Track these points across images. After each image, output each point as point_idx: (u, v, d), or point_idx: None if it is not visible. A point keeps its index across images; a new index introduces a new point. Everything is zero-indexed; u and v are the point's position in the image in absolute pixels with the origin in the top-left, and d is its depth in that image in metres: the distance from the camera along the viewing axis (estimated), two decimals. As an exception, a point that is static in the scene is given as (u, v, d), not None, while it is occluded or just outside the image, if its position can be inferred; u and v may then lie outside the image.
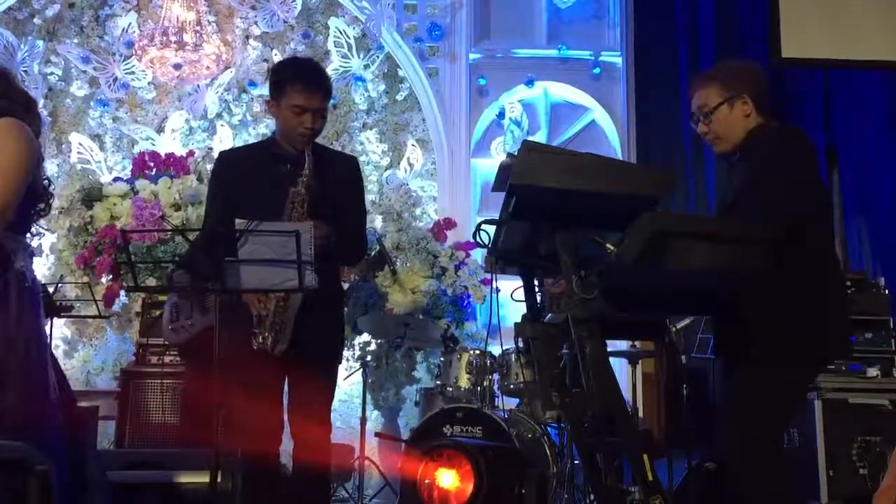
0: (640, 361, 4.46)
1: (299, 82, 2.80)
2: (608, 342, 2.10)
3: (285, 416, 2.90)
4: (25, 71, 5.82)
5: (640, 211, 1.92)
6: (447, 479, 3.49)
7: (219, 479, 2.43)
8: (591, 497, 3.61)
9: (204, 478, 2.46)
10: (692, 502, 3.11)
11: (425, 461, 3.51)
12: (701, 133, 2.56)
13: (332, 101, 5.86)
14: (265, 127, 5.91)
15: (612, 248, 1.94)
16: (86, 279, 4.78)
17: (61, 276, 4.83)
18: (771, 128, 2.49)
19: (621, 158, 5.68)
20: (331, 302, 2.89)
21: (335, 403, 5.33)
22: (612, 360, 2.16)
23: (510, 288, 2.46)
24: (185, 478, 2.64)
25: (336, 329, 2.98)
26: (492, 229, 2.19)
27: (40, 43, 5.88)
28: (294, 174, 2.80)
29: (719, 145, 2.54)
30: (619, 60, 6.14)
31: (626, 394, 4.31)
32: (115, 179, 5.27)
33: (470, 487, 3.42)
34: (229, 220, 2.47)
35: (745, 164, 2.46)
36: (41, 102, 5.58)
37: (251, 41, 5.99)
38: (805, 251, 2.27)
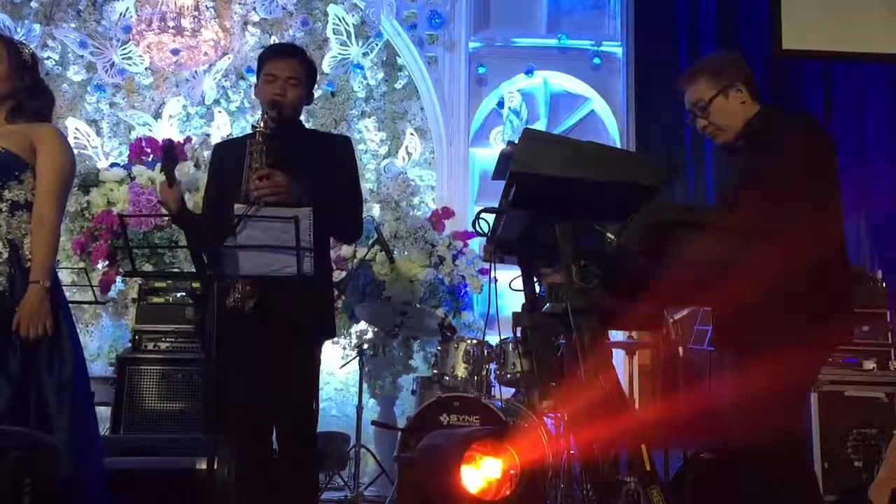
0: (637, 352, 4.47)
1: (271, 54, 2.97)
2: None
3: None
4: (22, 55, 5.77)
5: (640, 200, 1.92)
6: (489, 467, 3.45)
7: (215, 466, 2.42)
8: (588, 487, 3.61)
9: (200, 464, 2.46)
10: (688, 492, 3.12)
11: (465, 449, 3.42)
12: (700, 128, 2.56)
13: (330, 89, 5.96)
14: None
15: (612, 237, 1.93)
16: (82, 265, 4.76)
17: (57, 261, 4.80)
18: (773, 113, 2.49)
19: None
20: (310, 279, 2.56)
21: (331, 392, 5.41)
22: (610, 350, 2.15)
23: (508, 278, 2.45)
24: (182, 464, 2.63)
25: (317, 308, 2.86)
26: (491, 218, 2.19)
27: (37, 27, 5.84)
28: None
29: (721, 136, 2.54)
30: (619, 51, 6.10)
31: (623, 384, 4.31)
32: (112, 165, 5.24)
33: (511, 475, 3.42)
34: (223, 209, 2.45)
35: (747, 151, 2.45)
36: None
37: (249, 27, 5.95)
38: (807, 237, 2.24)
